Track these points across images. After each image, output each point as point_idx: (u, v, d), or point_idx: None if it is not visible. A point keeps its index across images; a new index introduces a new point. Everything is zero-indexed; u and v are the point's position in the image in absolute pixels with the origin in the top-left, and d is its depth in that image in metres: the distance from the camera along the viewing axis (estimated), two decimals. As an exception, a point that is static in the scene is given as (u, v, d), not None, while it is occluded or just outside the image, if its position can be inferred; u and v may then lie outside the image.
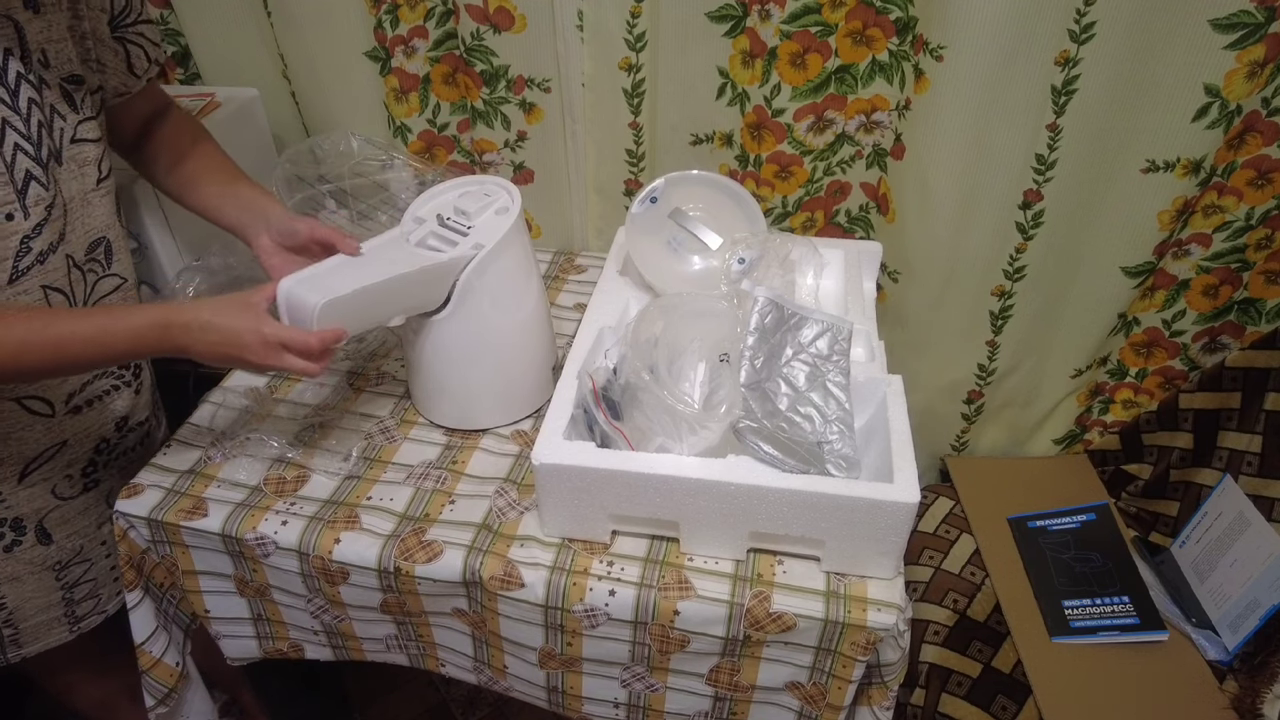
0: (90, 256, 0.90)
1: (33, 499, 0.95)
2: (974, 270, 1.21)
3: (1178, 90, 1.01)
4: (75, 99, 0.84)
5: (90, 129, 0.87)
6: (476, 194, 1.00)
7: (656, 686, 0.94)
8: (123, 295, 0.96)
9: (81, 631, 1.07)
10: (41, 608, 1.01)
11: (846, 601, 0.84)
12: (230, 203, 0.97)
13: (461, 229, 0.97)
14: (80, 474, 0.99)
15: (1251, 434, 1.16)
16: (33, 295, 0.84)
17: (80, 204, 0.87)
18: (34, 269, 0.83)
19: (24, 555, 0.97)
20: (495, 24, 1.21)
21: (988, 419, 1.38)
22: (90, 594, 1.06)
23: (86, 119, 0.86)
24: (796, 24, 1.13)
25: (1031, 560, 1.21)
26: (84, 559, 1.03)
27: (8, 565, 0.96)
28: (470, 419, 1.06)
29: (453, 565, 0.89)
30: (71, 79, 0.84)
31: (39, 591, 1.00)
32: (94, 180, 0.88)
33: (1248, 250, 1.15)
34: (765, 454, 0.83)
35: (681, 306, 0.96)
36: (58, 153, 0.83)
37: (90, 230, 0.89)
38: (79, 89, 0.85)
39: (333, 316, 0.85)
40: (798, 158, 1.26)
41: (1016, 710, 1.07)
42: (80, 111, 0.85)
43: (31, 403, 0.90)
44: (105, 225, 0.91)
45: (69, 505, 0.99)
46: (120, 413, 1.01)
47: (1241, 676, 1.07)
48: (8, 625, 1.00)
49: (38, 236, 0.81)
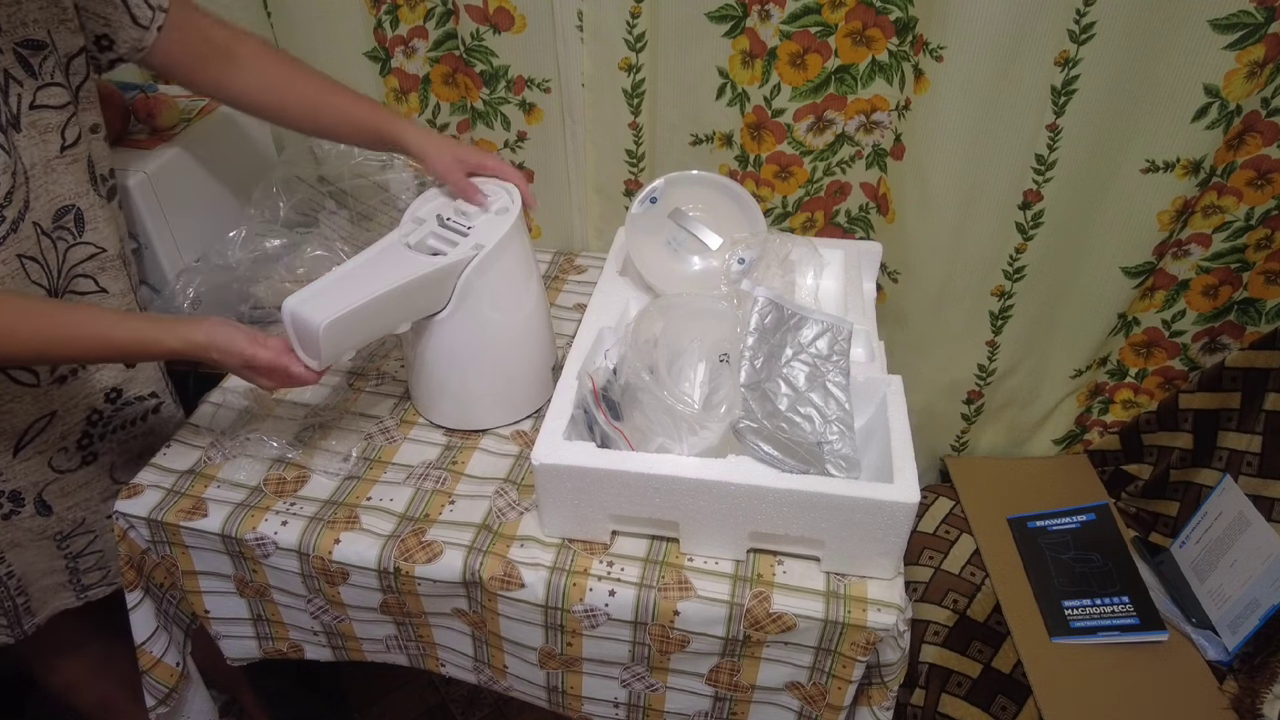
0: (58, 224, 0.88)
1: (29, 472, 0.95)
2: (974, 270, 1.21)
3: (1177, 90, 1.01)
4: (33, 64, 0.82)
5: (52, 95, 0.84)
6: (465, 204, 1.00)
7: (656, 686, 0.94)
8: (100, 264, 0.95)
9: (90, 599, 1.07)
10: (45, 572, 1.02)
11: (846, 602, 0.84)
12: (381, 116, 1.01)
13: (461, 229, 0.97)
14: (76, 446, 0.99)
15: (1251, 434, 1.16)
16: (9, 265, 0.84)
17: (43, 171, 0.85)
18: (9, 238, 0.83)
19: (22, 524, 0.97)
20: (495, 24, 1.21)
21: (988, 419, 1.38)
22: (98, 565, 1.07)
23: (48, 85, 0.84)
24: (796, 24, 1.13)
25: (1031, 560, 1.21)
26: (87, 530, 1.04)
27: (6, 533, 0.96)
28: (470, 419, 1.06)
29: (452, 566, 0.89)
30: (27, 43, 0.81)
31: (41, 558, 1.01)
32: (57, 148, 0.86)
33: (1247, 250, 1.15)
34: (765, 454, 0.83)
35: (681, 306, 0.96)
36: (15, 119, 0.82)
37: (55, 198, 0.88)
38: (37, 54, 0.82)
39: (338, 334, 0.85)
40: (797, 158, 1.26)
41: (1016, 710, 1.07)
42: (39, 77, 0.83)
43: (17, 373, 0.91)
44: (74, 193, 0.89)
45: (68, 478, 0.99)
46: (108, 384, 1.01)
47: (1241, 677, 1.07)
48: (19, 594, 1.01)
49: (8, 205, 0.81)
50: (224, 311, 1.17)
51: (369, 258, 0.93)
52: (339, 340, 0.87)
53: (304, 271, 1.18)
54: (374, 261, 0.93)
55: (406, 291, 0.90)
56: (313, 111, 1.02)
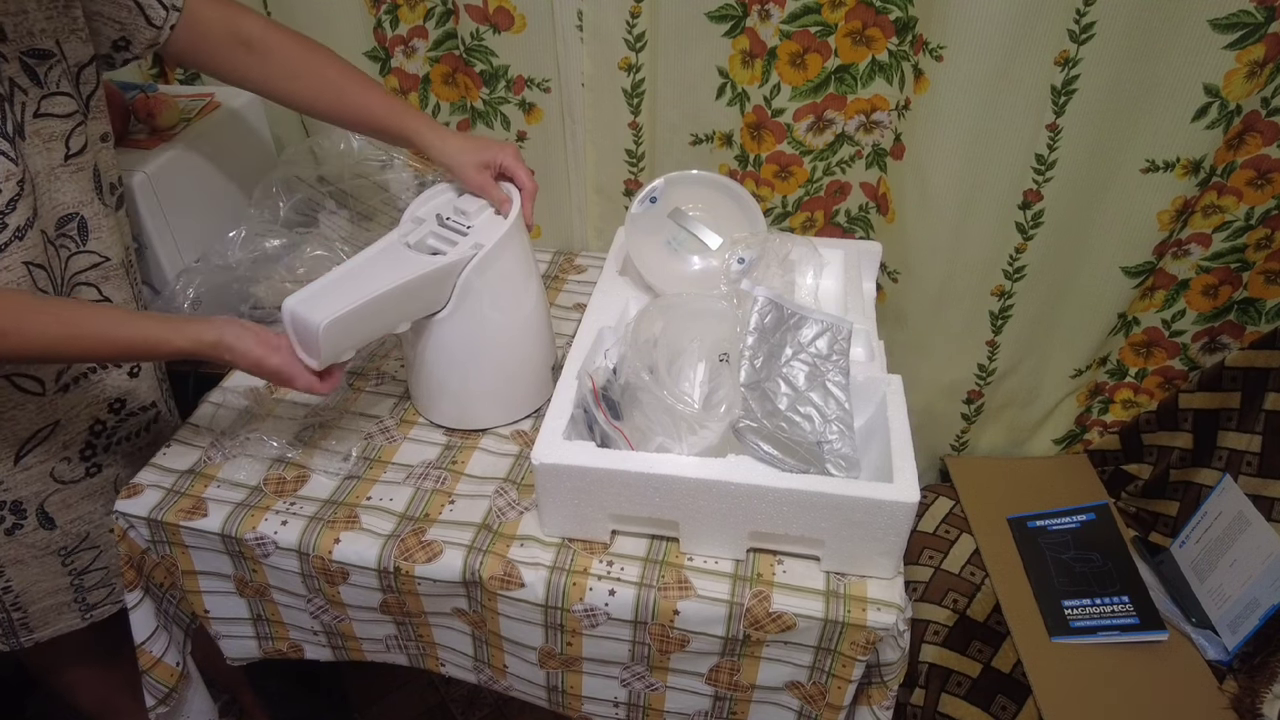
0: (61, 232, 0.89)
1: (30, 481, 0.95)
2: (974, 270, 1.21)
3: (1177, 90, 1.01)
4: (38, 73, 0.82)
5: (58, 104, 0.85)
6: (464, 204, 1.00)
7: (656, 686, 0.94)
8: (103, 273, 0.95)
9: (95, 620, 1.07)
10: (49, 591, 1.01)
11: (846, 601, 0.84)
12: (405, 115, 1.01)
13: (461, 229, 0.97)
14: (79, 456, 0.99)
15: (1251, 434, 1.16)
16: (15, 272, 0.83)
17: (47, 179, 0.86)
18: (13, 245, 0.82)
19: (26, 539, 0.97)
20: (495, 24, 1.22)
21: (988, 419, 1.38)
22: (103, 582, 1.06)
23: (53, 94, 0.84)
24: (796, 24, 1.13)
25: (1031, 560, 1.21)
26: (91, 545, 1.03)
27: (10, 549, 0.96)
28: (470, 419, 1.06)
29: (452, 565, 0.89)
30: (33, 52, 0.82)
31: (44, 576, 1.00)
32: (61, 156, 0.86)
33: (1247, 250, 1.15)
34: (765, 454, 0.83)
35: (681, 306, 0.96)
36: (20, 127, 0.82)
37: (58, 206, 0.88)
38: (43, 63, 0.83)
39: (337, 333, 0.85)
40: (797, 158, 1.26)
41: (1016, 710, 1.07)
42: (44, 86, 0.83)
43: (22, 380, 0.90)
44: (78, 202, 0.90)
45: (70, 489, 0.99)
46: (113, 394, 1.01)
47: (1241, 676, 1.07)
48: (15, 609, 1.00)
49: (12, 212, 0.81)
50: (224, 312, 1.17)
51: (368, 257, 0.93)
52: (338, 339, 0.87)
53: (304, 271, 1.18)
54: (373, 261, 0.93)
55: (407, 291, 0.90)
56: (334, 105, 1.01)
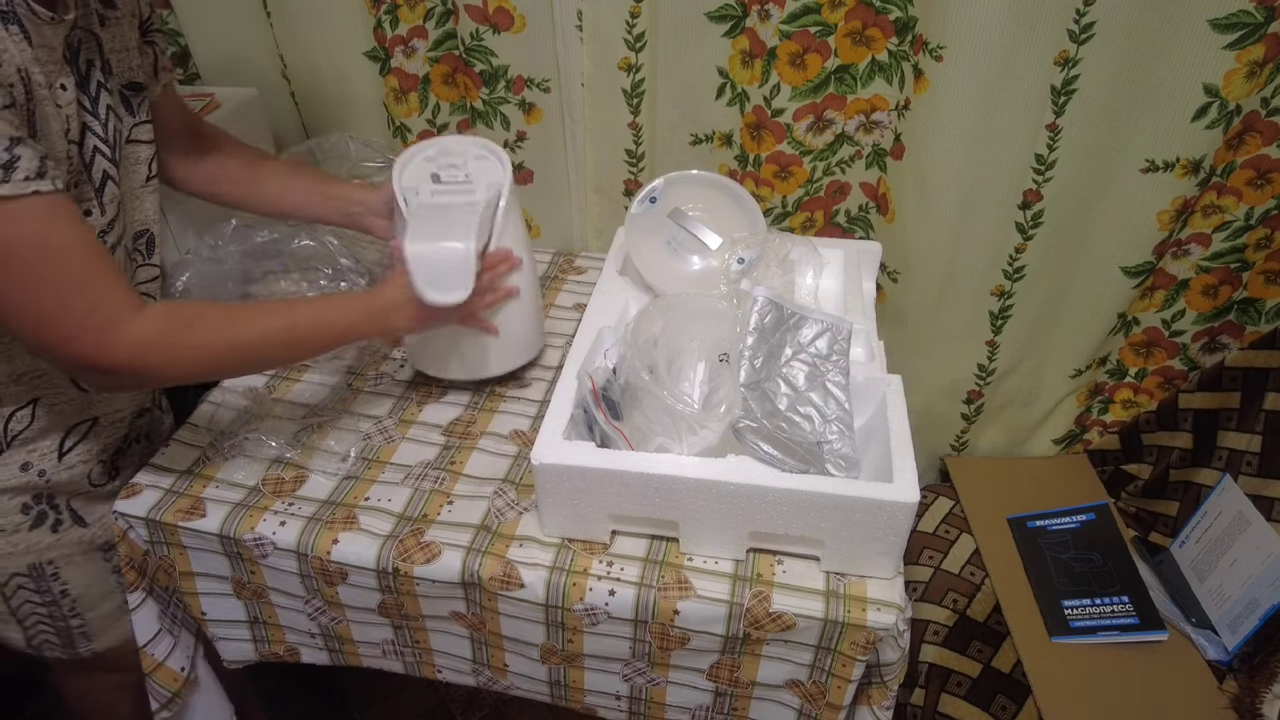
0: (135, 246, 0.95)
1: (70, 477, 0.95)
2: (974, 270, 1.21)
3: (1177, 90, 1.01)
4: (133, 104, 0.91)
5: (143, 131, 0.93)
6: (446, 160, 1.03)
7: (658, 681, 0.94)
8: (158, 285, 1.01)
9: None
10: (103, 594, 1.02)
11: (846, 601, 0.84)
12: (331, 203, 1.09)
13: (461, 179, 1.01)
14: (110, 460, 1.00)
15: (1251, 434, 1.16)
16: None
17: (130, 198, 0.93)
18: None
19: (68, 535, 0.97)
20: (495, 24, 1.21)
21: (987, 419, 1.38)
22: None
23: (140, 123, 0.93)
24: (796, 24, 1.13)
25: (1031, 560, 1.21)
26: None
27: (61, 548, 0.96)
28: (478, 368, 1.08)
29: (451, 566, 0.89)
30: (130, 85, 0.90)
31: (96, 577, 1.00)
32: (143, 178, 0.94)
33: (1247, 250, 1.15)
34: (765, 454, 0.83)
35: (681, 306, 0.96)
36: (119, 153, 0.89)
37: (135, 222, 0.95)
38: (136, 95, 0.92)
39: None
40: (797, 158, 1.26)
41: (1016, 710, 1.07)
42: (136, 115, 0.92)
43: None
44: (150, 219, 0.97)
45: (96, 492, 0.99)
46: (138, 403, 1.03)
47: (1241, 676, 1.07)
48: (74, 615, 1.00)
49: (110, 231, 0.87)
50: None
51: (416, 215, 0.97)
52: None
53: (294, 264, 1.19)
54: (426, 211, 0.97)
55: (483, 217, 0.96)
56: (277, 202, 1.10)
